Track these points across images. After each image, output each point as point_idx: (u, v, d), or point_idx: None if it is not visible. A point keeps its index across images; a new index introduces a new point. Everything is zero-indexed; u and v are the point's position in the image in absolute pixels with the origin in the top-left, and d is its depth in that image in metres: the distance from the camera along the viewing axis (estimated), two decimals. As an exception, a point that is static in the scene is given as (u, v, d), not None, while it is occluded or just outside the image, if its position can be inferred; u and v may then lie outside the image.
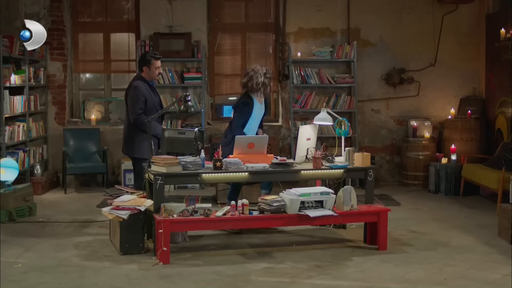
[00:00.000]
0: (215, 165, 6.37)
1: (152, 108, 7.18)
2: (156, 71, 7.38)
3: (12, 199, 7.95)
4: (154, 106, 7.23)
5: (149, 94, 7.23)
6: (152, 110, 7.14)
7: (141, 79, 7.32)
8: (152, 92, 7.31)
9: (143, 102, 7.13)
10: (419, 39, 10.83)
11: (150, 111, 7.10)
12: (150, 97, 7.23)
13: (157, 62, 7.34)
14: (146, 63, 7.29)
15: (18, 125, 9.32)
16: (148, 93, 7.23)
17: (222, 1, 10.99)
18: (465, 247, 6.72)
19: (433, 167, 9.97)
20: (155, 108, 7.21)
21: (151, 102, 7.21)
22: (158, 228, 5.93)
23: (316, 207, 6.27)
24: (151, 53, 7.46)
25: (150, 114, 6.98)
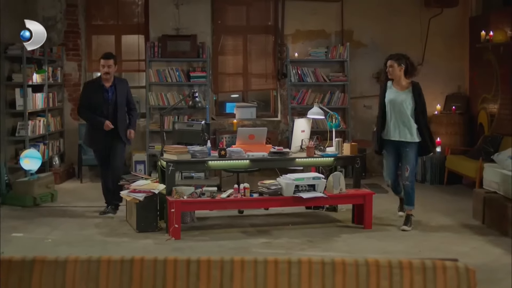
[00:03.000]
0: (220, 153, 7.18)
1: (95, 105, 7.78)
2: (102, 70, 7.78)
3: (36, 186, 8.70)
4: (97, 103, 7.76)
5: (93, 92, 7.82)
6: (95, 107, 7.78)
7: (95, 79, 8.30)
8: (99, 91, 7.79)
9: (83, 97, 7.91)
10: (408, 40, 11.15)
11: (95, 109, 7.79)
12: (93, 95, 7.80)
13: (102, 61, 7.78)
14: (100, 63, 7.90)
15: (39, 120, 10.02)
16: (93, 91, 7.82)
17: (225, 6, 11.43)
18: (442, 227, 7.52)
19: (420, 158, 10.69)
20: (98, 106, 7.75)
21: (94, 100, 7.78)
22: (170, 208, 6.75)
23: (309, 190, 7.07)
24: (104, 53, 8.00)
25: (94, 109, 7.78)
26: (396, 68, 7.30)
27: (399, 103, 7.28)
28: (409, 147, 7.28)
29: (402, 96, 7.30)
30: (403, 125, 7.27)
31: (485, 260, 6.06)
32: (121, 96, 7.89)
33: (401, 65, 7.30)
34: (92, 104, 7.78)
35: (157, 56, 10.91)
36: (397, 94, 7.33)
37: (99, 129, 7.72)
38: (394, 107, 7.31)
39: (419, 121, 7.27)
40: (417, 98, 7.29)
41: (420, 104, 7.30)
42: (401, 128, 7.28)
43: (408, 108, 7.26)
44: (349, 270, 2.62)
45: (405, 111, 7.26)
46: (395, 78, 7.36)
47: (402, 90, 7.34)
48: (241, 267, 2.62)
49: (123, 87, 8.02)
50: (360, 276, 2.61)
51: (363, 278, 2.60)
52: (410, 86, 7.36)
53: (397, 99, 7.30)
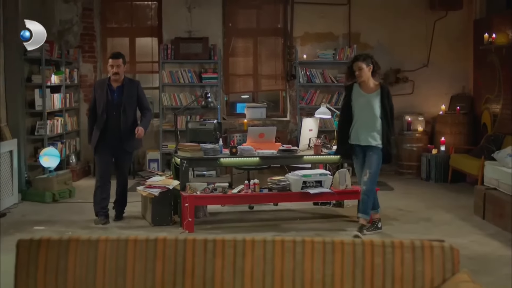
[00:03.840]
0: (231, 151, 7.53)
1: (99, 105, 7.41)
2: (110, 70, 7.41)
3: (55, 182, 9.09)
4: (102, 104, 7.38)
5: (100, 92, 7.44)
6: (99, 107, 7.41)
7: (103, 80, 7.92)
8: (107, 91, 7.41)
9: (93, 97, 7.62)
10: (413, 43, 11.50)
11: (98, 108, 7.42)
12: (100, 95, 7.42)
13: (110, 61, 7.41)
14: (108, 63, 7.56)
15: (57, 119, 10.39)
16: (100, 91, 7.44)
17: (236, 9, 11.77)
18: (444, 221, 7.83)
19: (425, 157, 10.96)
20: (103, 106, 7.37)
21: (100, 100, 7.40)
22: (184, 202, 7.10)
23: (316, 186, 7.40)
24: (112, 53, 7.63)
25: (98, 110, 7.41)
26: (365, 69, 6.99)
27: (366, 106, 6.98)
28: (372, 151, 6.99)
29: (369, 99, 6.99)
30: (370, 129, 6.96)
31: (482, 252, 6.38)
32: (129, 98, 7.46)
33: (369, 65, 7.02)
34: (98, 105, 7.45)
35: (170, 58, 11.25)
36: (365, 97, 7.02)
37: (105, 136, 7.40)
38: (361, 111, 7.03)
39: (384, 125, 6.96)
40: (385, 101, 6.97)
41: (387, 107, 6.99)
42: (367, 132, 6.98)
43: (376, 111, 6.95)
44: (347, 248, 2.97)
45: (372, 114, 6.96)
46: (365, 80, 7.03)
47: (370, 93, 7.03)
48: (251, 246, 2.97)
49: (133, 88, 7.56)
50: (357, 254, 2.95)
51: (359, 255, 2.95)
52: (379, 89, 7.05)
53: (364, 102, 7.01)
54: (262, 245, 2.98)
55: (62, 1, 11.47)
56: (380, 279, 2.91)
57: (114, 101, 7.40)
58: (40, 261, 2.98)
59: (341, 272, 2.92)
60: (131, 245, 2.99)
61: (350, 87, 7.16)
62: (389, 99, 7.06)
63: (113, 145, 7.46)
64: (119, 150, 7.52)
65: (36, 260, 2.98)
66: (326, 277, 2.92)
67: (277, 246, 2.97)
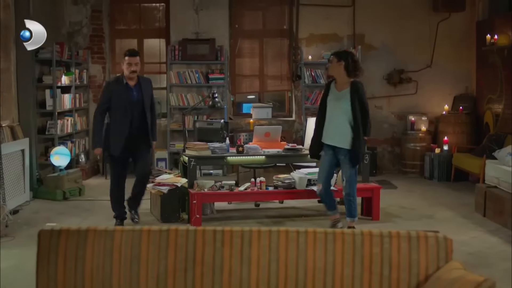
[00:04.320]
0: (238, 149, 7.74)
1: (118, 106, 7.11)
2: (128, 68, 7.06)
3: (65, 181, 9.30)
4: (121, 104, 7.10)
5: (116, 92, 7.13)
6: (118, 108, 7.11)
7: (117, 78, 7.35)
8: (125, 90, 7.12)
9: (105, 100, 7.20)
10: (417, 44, 11.66)
11: (117, 109, 7.11)
12: (118, 95, 7.11)
13: (128, 59, 7.06)
14: (122, 60, 7.18)
15: (67, 119, 10.57)
16: (116, 91, 7.13)
17: (242, 11, 11.95)
18: (446, 219, 8.01)
19: (428, 156, 11.13)
20: (122, 106, 7.09)
21: (118, 100, 7.10)
22: (192, 199, 7.31)
23: (320, 184, 7.61)
24: (127, 50, 7.28)
25: (116, 110, 7.09)
26: (335, 63, 6.76)
27: (336, 104, 6.78)
28: (345, 156, 6.81)
29: (339, 97, 6.78)
30: (340, 129, 6.76)
31: (481, 248, 6.57)
32: (147, 96, 7.26)
33: (340, 60, 6.72)
34: (116, 105, 7.12)
35: (177, 59, 11.45)
36: (336, 95, 6.82)
37: (120, 132, 7.09)
38: (332, 109, 6.82)
39: (354, 125, 6.71)
40: (355, 98, 6.68)
41: (357, 105, 6.70)
42: (338, 133, 6.78)
43: (345, 109, 6.71)
44: (347, 238, 3.17)
45: (342, 114, 6.72)
46: (333, 75, 6.85)
47: (341, 90, 6.80)
48: (258, 236, 3.17)
49: (148, 86, 7.39)
50: (356, 243, 3.15)
51: (359, 245, 3.15)
52: (349, 86, 6.77)
53: (335, 100, 6.81)
54: (268, 235, 3.18)
55: (72, 3, 11.66)
56: (378, 266, 3.10)
57: (135, 100, 7.11)
58: (60, 249, 3.19)
59: (341, 260, 3.12)
60: (145, 235, 3.20)
61: (328, 85, 6.98)
62: (361, 96, 6.72)
63: (135, 144, 7.20)
64: (141, 148, 7.27)
65: (56, 248, 3.19)
66: (327, 265, 3.12)
67: (281, 236, 3.17)
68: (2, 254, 6.30)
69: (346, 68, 6.70)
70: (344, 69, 6.70)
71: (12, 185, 8.35)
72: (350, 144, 6.72)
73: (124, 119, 7.08)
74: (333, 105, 6.80)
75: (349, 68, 6.70)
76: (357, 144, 6.71)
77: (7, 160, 8.19)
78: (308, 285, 3.11)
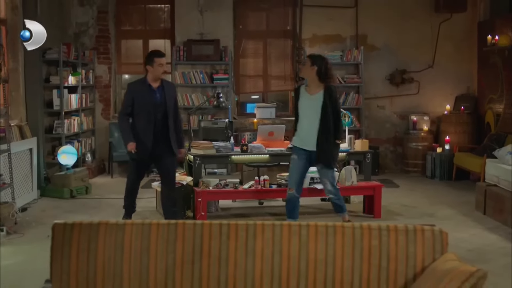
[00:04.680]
0: (242, 148, 7.88)
1: (142, 108, 6.90)
2: (160, 68, 6.89)
3: (72, 179, 9.46)
4: (145, 106, 6.89)
5: (139, 94, 6.92)
6: (142, 111, 6.90)
7: (140, 80, 7.11)
8: (148, 92, 6.92)
9: (128, 103, 6.95)
10: (419, 44, 11.80)
11: (140, 111, 6.90)
12: (141, 97, 6.90)
13: (160, 59, 6.91)
14: (150, 61, 6.91)
15: (74, 119, 10.73)
16: (139, 93, 6.92)
17: (246, 12, 12.11)
18: (446, 216, 8.14)
19: (430, 155, 11.25)
20: (146, 109, 6.88)
21: (142, 102, 6.89)
22: (197, 197, 7.46)
23: (323, 182, 7.75)
24: (155, 51, 7.18)
25: (140, 113, 6.88)
26: (308, 66, 6.70)
27: (309, 108, 6.70)
28: (318, 159, 6.74)
29: (312, 101, 6.68)
30: (313, 133, 6.66)
31: (480, 245, 6.70)
32: (170, 100, 7.01)
33: (313, 65, 6.64)
34: (139, 108, 6.90)
35: (182, 59, 11.60)
36: (309, 98, 6.74)
37: (144, 135, 6.86)
38: (305, 113, 6.75)
39: (327, 129, 6.61)
40: (327, 102, 6.58)
41: (330, 109, 6.59)
42: (311, 137, 6.68)
43: (318, 113, 6.62)
44: (347, 231, 3.31)
45: (315, 117, 6.64)
46: (305, 78, 6.82)
47: (313, 94, 6.70)
48: (262, 229, 3.32)
49: (172, 90, 7.17)
50: (356, 236, 3.29)
51: (358, 238, 3.29)
52: (322, 90, 6.67)
53: (307, 104, 6.74)
54: (271, 228, 3.32)
55: (78, 5, 11.83)
56: (377, 258, 3.25)
57: (158, 102, 6.90)
58: (73, 242, 3.34)
59: (341, 253, 3.27)
60: (154, 229, 3.35)
61: (298, 89, 6.93)
62: (333, 100, 6.63)
63: (159, 150, 6.96)
64: (165, 156, 7.04)
65: (69, 241, 3.34)
66: (328, 257, 3.26)
67: (284, 229, 3.32)
68: (11, 250, 6.48)
69: (318, 74, 6.62)
70: (316, 74, 6.63)
71: (20, 184, 8.50)
72: (322, 148, 6.63)
73: (148, 122, 6.88)
74: (305, 109, 6.74)
75: (321, 74, 6.62)
76: (329, 147, 6.63)
77: (16, 158, 8.34)
78: (309, 276, 3.25)
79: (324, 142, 6.60)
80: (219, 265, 3.29)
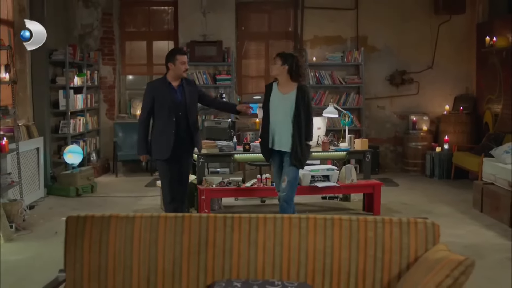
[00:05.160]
0: (245, 147, 8.07)
1: (163, 108, 6.57)
2: (182, 67, 6.57)
3: (78, 178, 9.65)
4: (165, 106, 6.55)
5: (161, 93, 6.58)
6: (162, 110, 6.57)
7: (160, 79, 6.75)
8: (169, 91, 6.59)
9: (147, 102, 6.63)
10: (419, 45, 11.95)
11: (160, 111, 6.58)
12: (162, 97, 6.57)
13: (182, 57, 6.59)
14: (172, 59, 6.58)
15: (79, 119, 10.93)
16: (161, 92, 6.58)
17: (248, 13, 12.28)
18: (444, 214, 8.31)
19: (429, 155, 11.41)
20: (167, 108, 6.54)
21: (162, 102, 6.57)
22: (201, 195, 7.65)
23: (323, 180, 7.94)
24: (177, 48, 6.75)
25: (160, 113, 6.59)
26: (278, 65, 6.50)
27: (280, 107, 6.51)
28: (288, 158, 6.52)
29: (284, 100, 6.50)
30: (285, 133, 6.48)
31: (476, 241, 6.88)
32: (191, 99, 6.72)
33: (284, 64, 6.46)
34: (160, 107, 6.58)
35: (186, 60, 11.75)
36: (280, 97, 6.54)
37: (167, 134, 6.57)
38: (276, 112, 6.55)
39: (298, 129, 6.43)
40: (299, 102, 6.41)
41: (301, 109, 6.42)
42: (283, 137, 6.50)
43: (291, 114, 6.44)
44: (344, 224, 3.51)
45: (286, 117, 6.46)
46: (277, 77, 6.61)
47: (285, 93, 6.51)
48: (264, 222, 3.51)
49: (193, 89, 6.82)
50: (352, 228, 3.49)
51: (355, 230, 3.48)
52: (295, 89, 6.49)
53: (279, 103, 6.54)
54: (273, 221, 3.52)
55: (83, 7, 12.03)
56: (372, 249, 3.44)
57: (179, 101, 6.60)
58: (85, 234, 3.53)
59: (339, 244, 3.46)
60: (162, 221, 3.54)
61: (269, 86, 6.73)
62: (305, 100, 6.45)
63: (177, 150, 6.66)
64: (183, 157, 6.81)
65: (82, 233, 3.54)
66: (326, 248, 3.46)
67: (285, 222, 3.52)
68: (21, 246, 6.69)
69: (290, 72, 6.47)
70: (288, 72, 6.47)
71: (27, 182, 8.70)
72: (296, 149, 6.43)
73: (169, 121, 6.56)
74: (276, 108, 6.54)
75: (292, 73, 6.47)
76: (299, 148, 6.43)
77: (23, 157, 8.54)
78: (309, 266, 3.45)
79: (297, 143, 6.41)
80: (224, 256, 3.48)
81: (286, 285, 3.35)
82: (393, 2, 12.03)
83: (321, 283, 3.43)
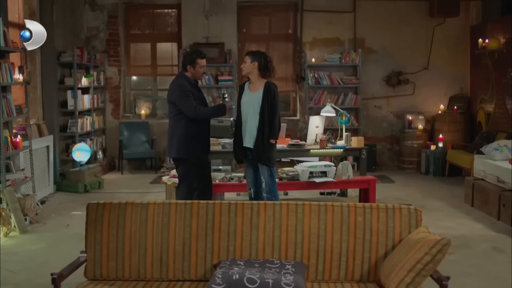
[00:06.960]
0: (246, 145, 8.42)
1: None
2: (201, 70, 6.72)
3: (86, 175, 10.03)
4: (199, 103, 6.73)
5: (196, 93, 6.75)
6: None
7: (184, 78, 6.74)
8: (195, 90, 6.78)
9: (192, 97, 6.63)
10: (414, 47, 12.28)
11: None
12: (197, 96, 6.74)
13: (202, 61, 6.70)
14: (191, 62, 6.66)
15: (86, 118, 11.30)
16: (195, 91, 6.75)
17: (250, 16, 12.60)
18: (436, 208, 8.69)
19: (424, 153, 11.81)
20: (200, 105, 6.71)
21: (200, 102, 6.75)
22: (204, 190, 8.01)
23: (321, 176, 8.29)
24: (197, 51, 6.85)
25: None
26: (248, 63, 6.55)
27: (249, 106, 6.58)
28: (255, 157, 6.62)
29: (252, 98, 6.56)
30: (253, 131, 6.57)
31: (465, 232, 7.27)
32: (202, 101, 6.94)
33: (254, 61, 6.52)
34: None
35: (188, 62, 12.09)
36: (249, 96, 6.61)
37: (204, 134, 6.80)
38: (246, 111, 6.62)
39: (261, 127, 6.49)
40: (265, 101, 6.45)
41: (266, 107, 6.46)
42: (251, 135, 6.58)
43: (257, 112, 6.51)
44: (336, 209, 3.91)
45: (254, 115, 6.53)
46: (248, 75, 6.66)
47: (254, 91, 6.58)
48: (264, 207, 3.92)
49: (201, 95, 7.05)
50: (343, 213, 3.90)
51: (346, 215, 3.89)
52: (262, 87, 6.54)
53: (248, 101, 6.60)
54: (272, 207, 3.93)
55: (90, 10, 12.39)
56: (361, 232, 3.85)
57: (202, 99, 6.91)
58: (104, 219, 3.94)
59: (331, 227, 3.87)
60: (173, 207, 3.95)
61: (242, 86, 6.80)
62: (271, 98, 6.48)
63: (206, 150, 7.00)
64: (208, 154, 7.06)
65: (101, 218, 3.94)
66: (320, 230, 3.87)
67: (283, 208, 3.93)
68: (36, 237, 7.08)
69: (259, 69, 6.52)
70: (258, 69, 6.53)
71: (38, 179, 9.08)
72: (259, 147, 6.52)
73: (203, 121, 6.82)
74: (246, 106, 6.61)
75: (261, 69, 6.52)
76: (261, 146, 6.50)
77: (35, 155, 8.93)
78: (304, 247, 3.85)
79: (260, 141, 6.48)
80: (228, 238, 3.90)
81: (284, 264, 3.75)
82: (389, 5, 12.33)
83: (315, 262, 3.84)
